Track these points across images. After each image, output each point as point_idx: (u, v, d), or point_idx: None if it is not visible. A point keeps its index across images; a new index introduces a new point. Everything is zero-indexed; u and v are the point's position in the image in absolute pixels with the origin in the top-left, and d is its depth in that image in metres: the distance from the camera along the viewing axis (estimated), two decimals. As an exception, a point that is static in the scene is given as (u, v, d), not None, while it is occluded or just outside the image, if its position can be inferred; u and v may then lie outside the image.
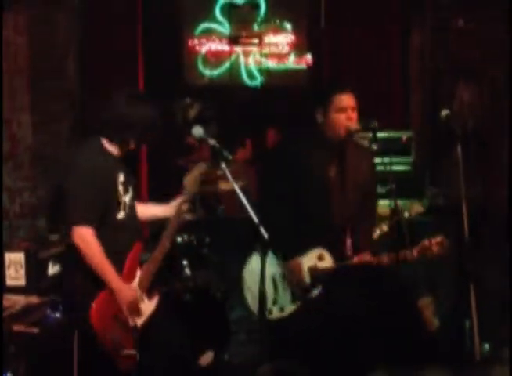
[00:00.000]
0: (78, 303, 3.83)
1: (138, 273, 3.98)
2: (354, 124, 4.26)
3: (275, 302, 4.27)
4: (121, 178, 3.92)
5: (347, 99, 4.31)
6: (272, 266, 4.09)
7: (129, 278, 3.93)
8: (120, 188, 3.90)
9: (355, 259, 4.31)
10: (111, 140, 3.89)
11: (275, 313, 4.29)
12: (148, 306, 4.00)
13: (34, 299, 4.42)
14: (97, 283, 3.78)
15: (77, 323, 3.88)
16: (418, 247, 4.23)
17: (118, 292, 3.79)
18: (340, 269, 4.26)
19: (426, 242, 4.23)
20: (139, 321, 3.95)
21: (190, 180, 4.08)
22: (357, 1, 8.29)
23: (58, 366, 4.17)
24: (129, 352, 3.86)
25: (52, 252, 4.97)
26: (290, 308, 4.31)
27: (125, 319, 3.87)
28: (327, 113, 4.32)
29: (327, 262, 4.30)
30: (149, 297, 4.02)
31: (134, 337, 3.91)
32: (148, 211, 4.24)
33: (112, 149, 3.90)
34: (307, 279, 4.28)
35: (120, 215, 3.90)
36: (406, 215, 4.36)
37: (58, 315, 4.29)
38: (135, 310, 3.89)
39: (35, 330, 4.07)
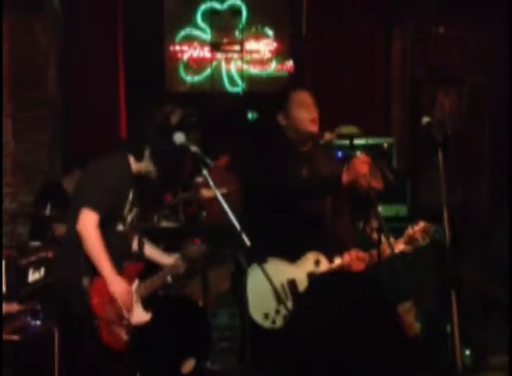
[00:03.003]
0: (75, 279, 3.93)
1: (137, 282, 4.15)
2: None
3: (278, 312, 4.24)
4: (130, 196, 4.11)
5: (304, 95, 4.38)
6: (276, 276, 4.04)
7: (127, 282, 4.06)
8: (127, 205, 4.10)
9: (345, 258, 4.29)
10: (135, 159, 4.08)
11: (279, 322, 4.25)
12: (142, 315, 4.13)
13: (14, 307, 4.39)
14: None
15: (74, 294, 3.94)
16: (404, 238, 4.26)
17: (111, 281, 3.91)
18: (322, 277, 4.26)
19: (409, 231, 4.26)
20: (133, 319, 4.06)
21: (192, 253, 4.47)
22: (339, 9, 8.31)
23: (39, 374, 4.15)
24: (119, 331, 3.97)
25: (33, 259, 4.94)
26: None
27: (119, 307, 3.97)
28: (288, 112, 4.36)
29: (324, 266, 4.29)
30: (146, 308, 4.16)
31: (125, 325, 4.01)
32: (153, 254, 4.46)
33: (134, 166, 4.09)
34: (304, 285, 4.27)
35: (120, 227, 4.10)
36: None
37: (38, 323, 4.26)
38: (128, 302, 3.99)
39: (16, 337, 4.04)
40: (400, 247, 4.26)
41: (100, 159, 4.13)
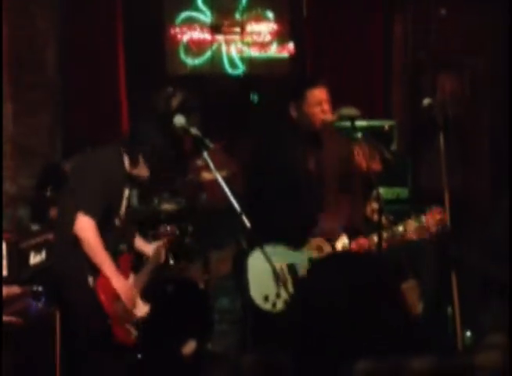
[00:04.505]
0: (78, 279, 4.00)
1: (132, 275, 4.23)
2: (329, 116, 4.29)
3: (278, 296, 4.24)
4: (127, 193, 4.15)
5: (319, 93, 4.35)
6: (276, 260, 4.04)
7: (123, 276, 4.13)
8: (124, 201, 4.14)
9: (353, 245, 4.30)
10: (127, 154, 4.09)
11: (279, 306, 4.25)
12: (143, 307, 4.21)
13: (15, 289, 4.40)
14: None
15: (79, 295, 4.03)
16: (417, 229, 4.24)
17: (116, 281, 3.98)
18: (328, 257, 4.26)
19: (424, 222, 4.23)
20: (139, 313, 4.14)
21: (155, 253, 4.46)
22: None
23: (41, 356, 4.16)
24: (129, 327, 4.04)
25: (34, 242, 4.95)
26: None
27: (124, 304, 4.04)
28: (301, 107, 4.35)
29: (326, 252, 4.29)
30: (143, 300, 4.23)
31: (134, 320, 4.08)
32: (139, 244, 4.53)
33: (128, 167, 4.10)
34: (305, 270, 4.27)
35: (116, 222, 4.14)
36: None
37: (40, 305, 4.27)
38: (131, 299, 4.06)
39: (18, 320, 4.05)
40: (412, 236, 4.26)
41: (92, 154, 4.21)
